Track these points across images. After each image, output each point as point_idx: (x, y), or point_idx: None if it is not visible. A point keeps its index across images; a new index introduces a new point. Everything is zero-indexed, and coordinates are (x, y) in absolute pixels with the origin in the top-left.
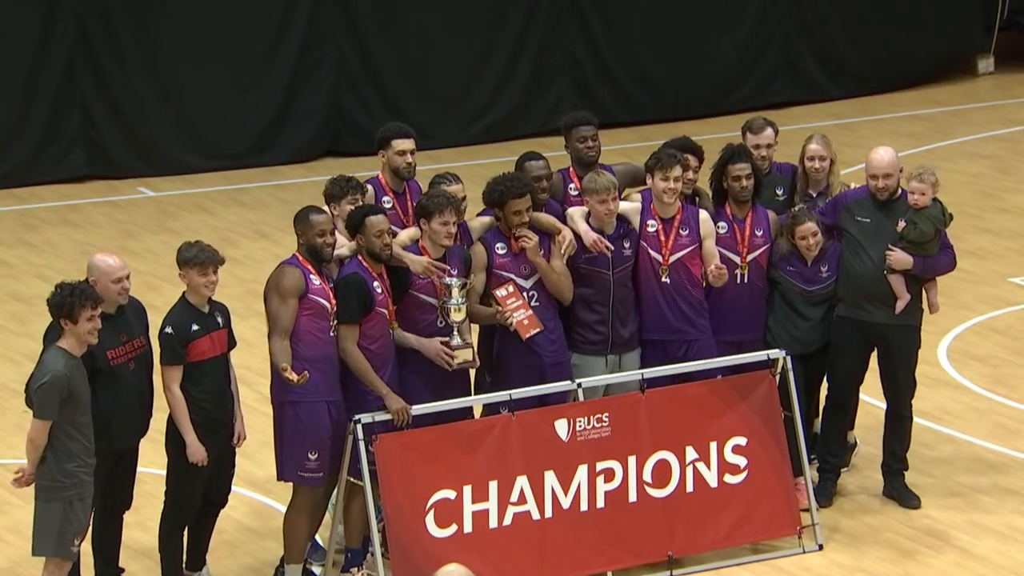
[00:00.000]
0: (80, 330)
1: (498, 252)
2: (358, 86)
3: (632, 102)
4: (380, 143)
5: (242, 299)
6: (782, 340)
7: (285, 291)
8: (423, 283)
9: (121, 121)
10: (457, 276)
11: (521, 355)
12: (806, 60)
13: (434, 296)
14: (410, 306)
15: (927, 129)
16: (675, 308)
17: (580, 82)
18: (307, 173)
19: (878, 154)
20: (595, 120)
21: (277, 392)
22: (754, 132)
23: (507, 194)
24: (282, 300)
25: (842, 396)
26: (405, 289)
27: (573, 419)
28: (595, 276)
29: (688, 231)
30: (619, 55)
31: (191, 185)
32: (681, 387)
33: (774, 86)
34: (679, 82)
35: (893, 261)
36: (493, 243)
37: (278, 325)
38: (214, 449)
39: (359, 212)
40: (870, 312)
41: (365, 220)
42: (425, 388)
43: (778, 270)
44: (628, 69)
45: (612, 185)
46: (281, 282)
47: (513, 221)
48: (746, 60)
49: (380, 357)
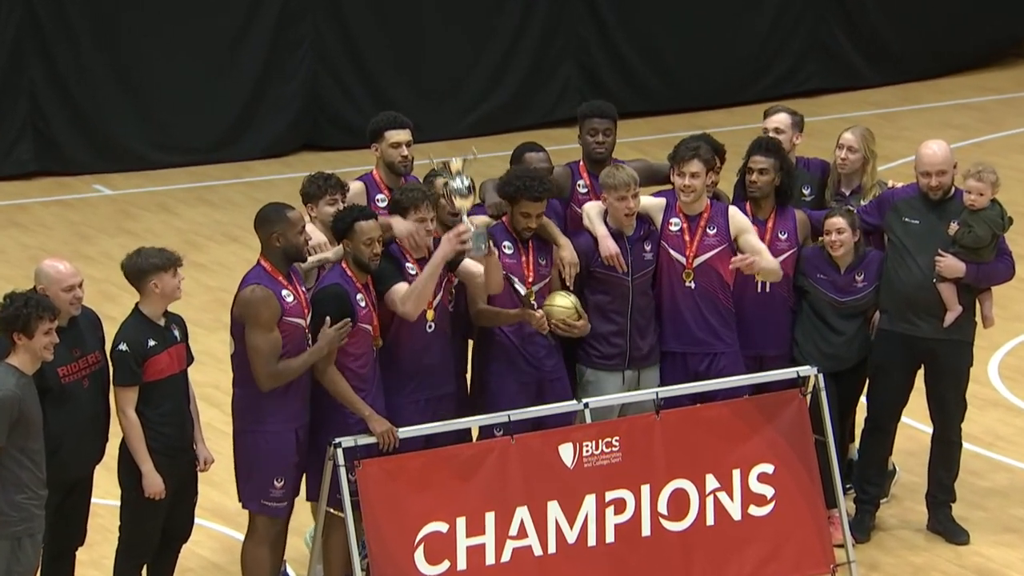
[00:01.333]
0: (36, 345)
1: (504, 251)
2: (339, 71)
3: (645, 90)
4: (372, 135)
5: (209, 309)
6: (812, 356)
7: (268, 323)
8: (411, 278)
9: (73, 111)
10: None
11: (515, 369)
12: (841, 42)
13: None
14: None
15: (976, 120)
16: (699, 317)
17: (587, 67)
18: (282, 169)
19: (930, 148)
20: (613, 113)
21: (240, 419)
22: (766, 116)
23: (524, 193)
24: (265, 332)
25: (883, 418)
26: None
27: (579, 443)
28: (612, 282)
29: (716, 229)
30: (631, 37)
31: (152, 182)
32: (701, 408)
33: (805, 71)
34: (698, 67)
35: (944, 268)
36: (500, 240)
37: (265, 356)
38: (174, 479)
39: (348, 215)
40: (916, 325)
41: (355, 225)
42: (415, 409)
43: (807, 278)
44: (641, 52)
45: (633, 181)
46: (261, 315)
47: (520, 223)
48: (774, 42)
49: (362, 377)
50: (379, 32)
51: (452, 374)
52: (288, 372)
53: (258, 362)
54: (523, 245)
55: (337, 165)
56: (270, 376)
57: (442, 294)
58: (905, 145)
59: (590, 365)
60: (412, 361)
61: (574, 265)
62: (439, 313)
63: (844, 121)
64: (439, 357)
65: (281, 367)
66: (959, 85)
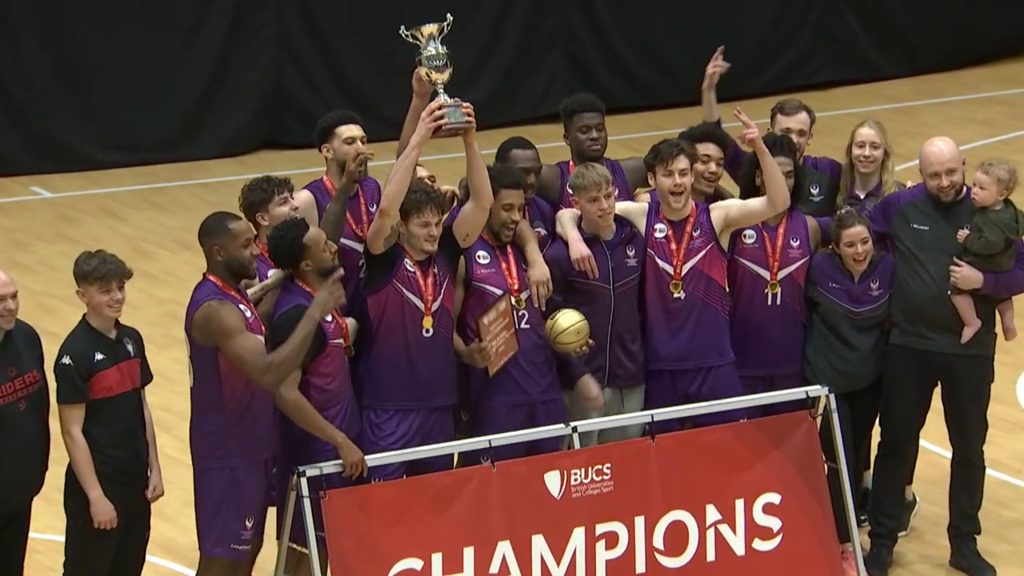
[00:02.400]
0: None
1: (479, 261)
2: (304, 60)
3: (640, 82)
4: (322, 135)
5: (160, 324)
6: (824, 374)
7: (238, 326)
8: (409, 275)
9: (9, 106)
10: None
11: (504, 390)
12: (854, 30)
13: (415, 292)
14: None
15: (1003, 115)
16: (690, 329)
17: (576, 58)
18: (240, 169)
19: (936, 146)
20: (602, 106)
21: (203, 455)
22: (787, 113)
23: (500, 180)
24: (240, 335)
25: (898, 443)
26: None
27: (567, 471)
28: (591, 292)
29: (700, 231)
30: (624, 24)
31: (96, 184)
32: (700, 432)
33: (814, 63)
34: (697, 58)
35: (959, 279)
36: (472, 250)
37: (254, 355)
38: (125, 507)
39: (293, 235)
40: (931, 340)
41: (304, 241)
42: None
43: (818, 287)
44: (635, 41)
45: (604, 179)
46: (228, 321)
47: (502, 218)
48: (780, 30)
49: (333, 394)
50: (348, 17)
51: (451, 385)
52: (285, 358)
53: (251, 366)
54: (501, 252)
55: (301, 164)
56: (267, 369)
57: (442, 296)
58: (923, 142)
59: (565, 386)
60: (406, 370)
61: (542, 284)
62: (439, 318)
63: (856, 117)
64: (437, 366)
65: (275, 358)
66: (983, 77)
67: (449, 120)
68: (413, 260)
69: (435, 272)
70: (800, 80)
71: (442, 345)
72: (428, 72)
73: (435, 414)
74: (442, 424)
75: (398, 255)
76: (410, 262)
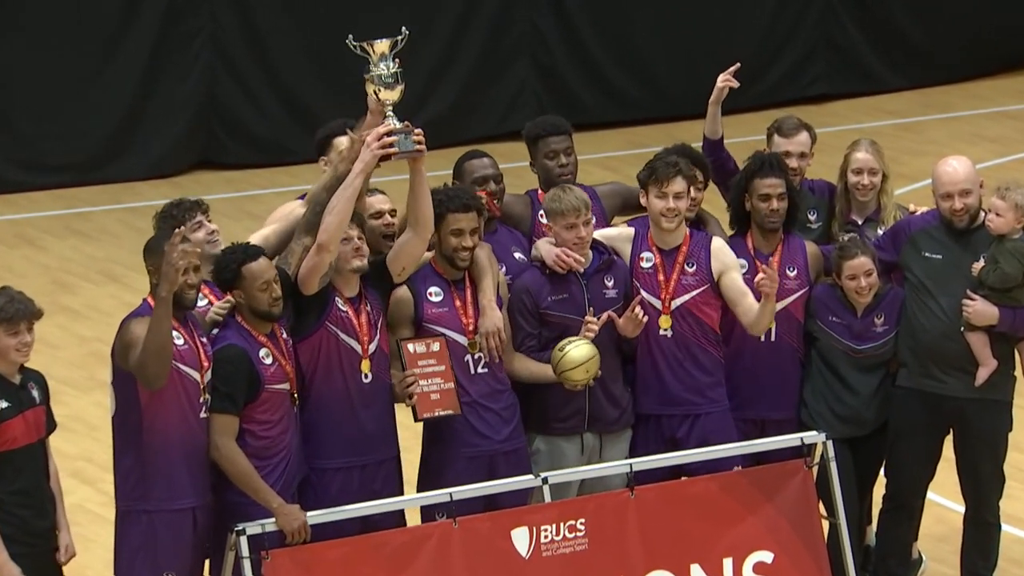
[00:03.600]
0: None
1: (430, 299)
2: (241, 70)
3: (618, 95)
4: (320, 146)
5: (82, 365)
6: (823, 419)
7: (138, 337)
8: (342, 315)
9: None
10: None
11: (460, 440)
12: (853, 38)
13: (350, 334)
14: (324, 350)
15: (1017, 131)
16: (679, 371)
17: (546, 67)
18: (172, 191)
19: (950, 165)
20: (569, 128)
21: (124, 496)
22: (785, 134)
23: (448, 204)
24: (137, 346)
25: (904, 495)
26: (320, 319)
27: (536, 527)
28: (566, 326)
29: (696, 266)
30: (600, 29)
31: (11, 208)
32: (684, 483)
33: (810, 73)
34: (682, 68)
35: (973, 315)
36: (423, 287)
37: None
38: (32, 571)
39: (231, 259)
40: (942, 382)
41: (241, 270)
42: (345, 480)
43: (818, 321)
44: (613, 50)
45: (583, 204)
46: (130, 332)
47: (451, 243)
48: (773, 37)
49: (276, 444)
50: (290, 23)
51: (395, 436)
52: (143, 355)
53: (134, 361)
54: (456, 288)
55: (240, 186)
56: (136, 368)
57: (379, 336)
58: (930, 161)
59: (541, 431)
60: (347, 421)
61: (493, 335)
62: (377, 361)
63: (856, 133)
64: (380, 415)
65: (138, 356)
66: (996, 89)
67: (399, 149)
68: (344, 298)
69: (368, 310)
70: (794, 92)
71: (383, 391)
72: (376, 90)
73: (382, 467)
74: (389, 478)
75: (329, 295)
76: (341, 300)
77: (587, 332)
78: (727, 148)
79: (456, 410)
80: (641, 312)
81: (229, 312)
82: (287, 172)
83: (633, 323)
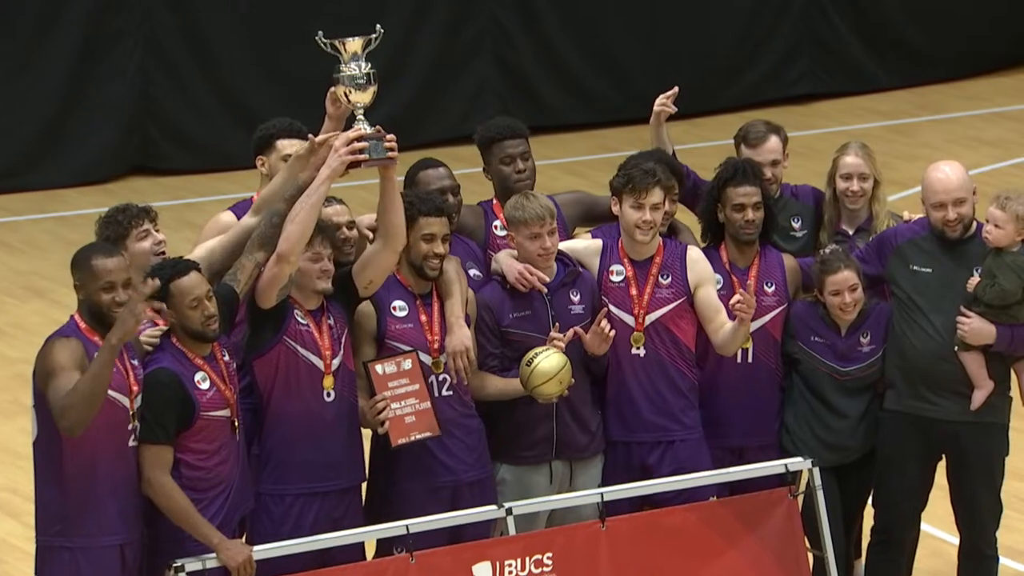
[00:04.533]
0: None
1: (394, 314)
2: (178, 69)
3: (587, 95)
4: (260, 145)
5: (6, 387)
6: (807, 445)
7: (61, 365)
8: (301, 328)
9: None
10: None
11: (421, 470)
12: (841, 33)
13: (311, 349)
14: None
15: (1018, 134)
16: (652, 394)
17: (509, 65)
18: (104, 200)
19: (941, 171)
20: (525, 130)
21: (44, 528)
22: (751, 143)
23: (417, 208)
24: (59, 375)
25: (895, 526)
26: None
27: (500, 562)
28: (529, 344)
29: (671, 278)
30: (568, 23)
31: None
32: (659, 513)
33: (793, 71)
34: (655, 66)
35: (968, 334)
36: (387, 300)
37: (56, 398)
38: None
39: (159, 274)
40: (935, 405)
41: (170, 287)
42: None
43: (799, 341)
44: (581, 46)
45: (548, 213)
46: (51, 358)
47: (422, 250)
48: (753, 32)
49: (216, 479)
50: (232, 18)
51: (361, 461)
52: (77, 398)
53: (53, 409)
54: (423, 302)
55: (178, 194)
56: (62, 412)
57: (343, 352)
58: (924, 166)
59: (505, 459)
60: (308, 445)
61: (460, 355)
62: (340, 377)
63: (844, 136)
64: (345, 438)
65: (69, 397)
66: (995, 88)
67: (369, 156)
68: (304, 311)
69: (330, 323)
70: (776, 92)
71: (348, 412)
72: (347, 92)
73: (346, 496)
74: (353, 508)
75: (287, 308)
76: (301, 313)
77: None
78: (683, 162)
79: (435, 431)
80: (608, 326)
81: (165, 334)
82: (229, 178)
83: (600, 338)
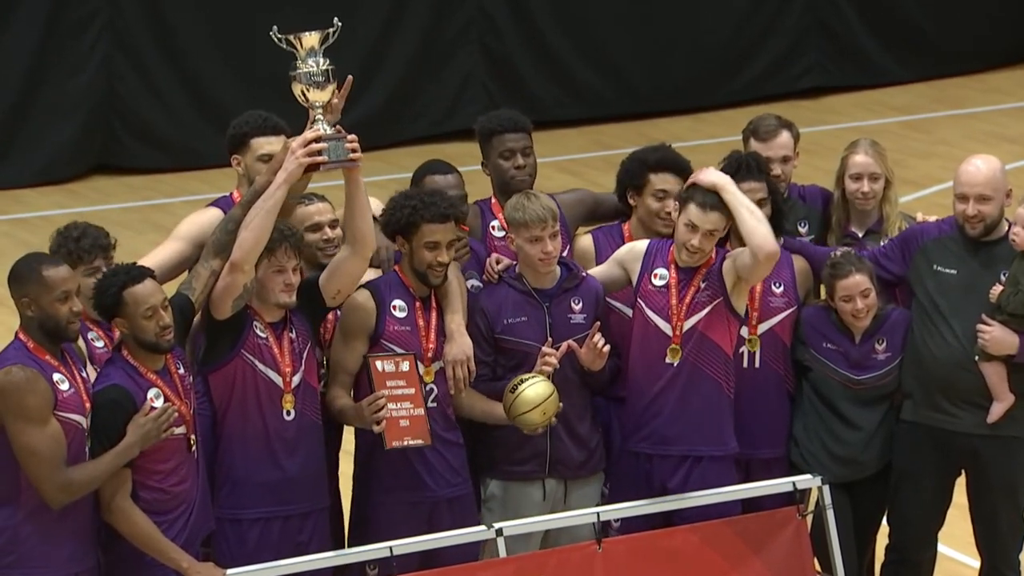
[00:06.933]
0: None
1: (394, 314)
2: (144, 62)
3: (582, 90)
4: (234, 143)
5: None
6: (817, 460)
7: (39, 414)
8: (260, 342)
9: None
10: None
11: (399, 484)
12: (851, 24)
13: (269, 364)
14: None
15: None
16: (679, 403)
17: (499, 57)
18: (66, 201)
19: (973, 164)
20: (528, 124)
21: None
22: (761, 137)
23: (420, 214)
24: (39, 426)
25: (910, 546)
26: (234, 347)
27: None
28: (524, 352)
29: (707, 281)
30: (559, 13)
31: None
32: (658, 534)
33: (800, 63)
34: (654, 59)
35: (989, 342)
36: (387, 298)
37: (47, 459)
38: None
39: (112, 282)
40: (952, 417)
41: (123, 295)
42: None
43: (810, 348)
44: (573, 37)
45: (550, 213)
46: (27, 403)
47: (426, 259)
48: (756, 22)
49: (175, 500)
50: (200, 8)
51: (325, 483)
52: (84, 480)
53: (39, 469)
54: (423, 305)
55: (144, 194)
56: (60, 488)
57: (304, 368)
58: (941, 165)
59: (495, 474)
60: (265, 465)
61: (459, 364)
62: (301, 395)
63: (856, 132)
64: (306, 459)
65: (74, 475)
66: (1017, 82)
67: (329, 158)
68: (264, 323)
69: (291, 337)
70: (782, 86)
71: (310, 432)
72: (304, 90)
73: (309, 519)
74: (319, 531)
75: (246, 319)
76: (261, 325)
77: (543, 367)
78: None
79: (426, 440)
80: (602, 341)
81: (115, 347)
82: (198, 177)
83: (594, 353)
